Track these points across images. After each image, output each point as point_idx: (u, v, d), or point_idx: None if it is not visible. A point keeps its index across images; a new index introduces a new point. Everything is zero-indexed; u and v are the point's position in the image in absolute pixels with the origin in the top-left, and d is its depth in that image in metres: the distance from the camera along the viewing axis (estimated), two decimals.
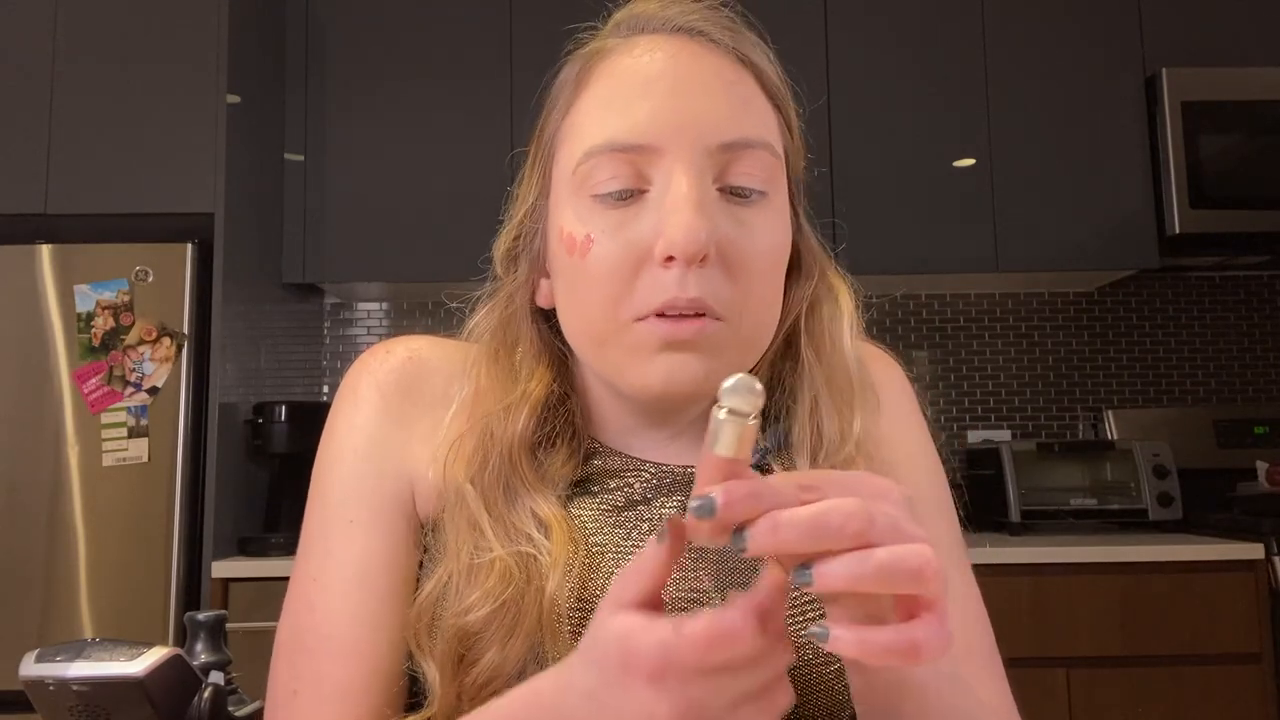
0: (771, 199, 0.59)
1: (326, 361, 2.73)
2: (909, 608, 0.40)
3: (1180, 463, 2.31)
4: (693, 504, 0.40)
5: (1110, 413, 2.58)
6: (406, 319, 2.74)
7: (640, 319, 0.56)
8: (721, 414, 0.40)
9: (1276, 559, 1.97)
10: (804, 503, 0.40)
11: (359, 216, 2.40)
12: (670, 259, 0.55)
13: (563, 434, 0.63)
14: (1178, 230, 2.31)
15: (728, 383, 0.40)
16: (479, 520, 0.59)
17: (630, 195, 0.57)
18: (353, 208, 2.41)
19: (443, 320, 2.69)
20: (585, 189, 0.58)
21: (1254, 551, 1.99)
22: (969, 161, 2.43)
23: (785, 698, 0.42)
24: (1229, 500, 2.36)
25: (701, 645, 0.40)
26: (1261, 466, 2.40)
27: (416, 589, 0.62)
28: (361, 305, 2.74)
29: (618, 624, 0.42)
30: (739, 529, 0.40)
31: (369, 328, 2.74)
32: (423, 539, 0.64)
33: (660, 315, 0.56)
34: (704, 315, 0.56)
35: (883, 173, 2.41)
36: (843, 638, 0.40)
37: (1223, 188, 2.33)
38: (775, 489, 0.41)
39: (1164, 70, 2.35)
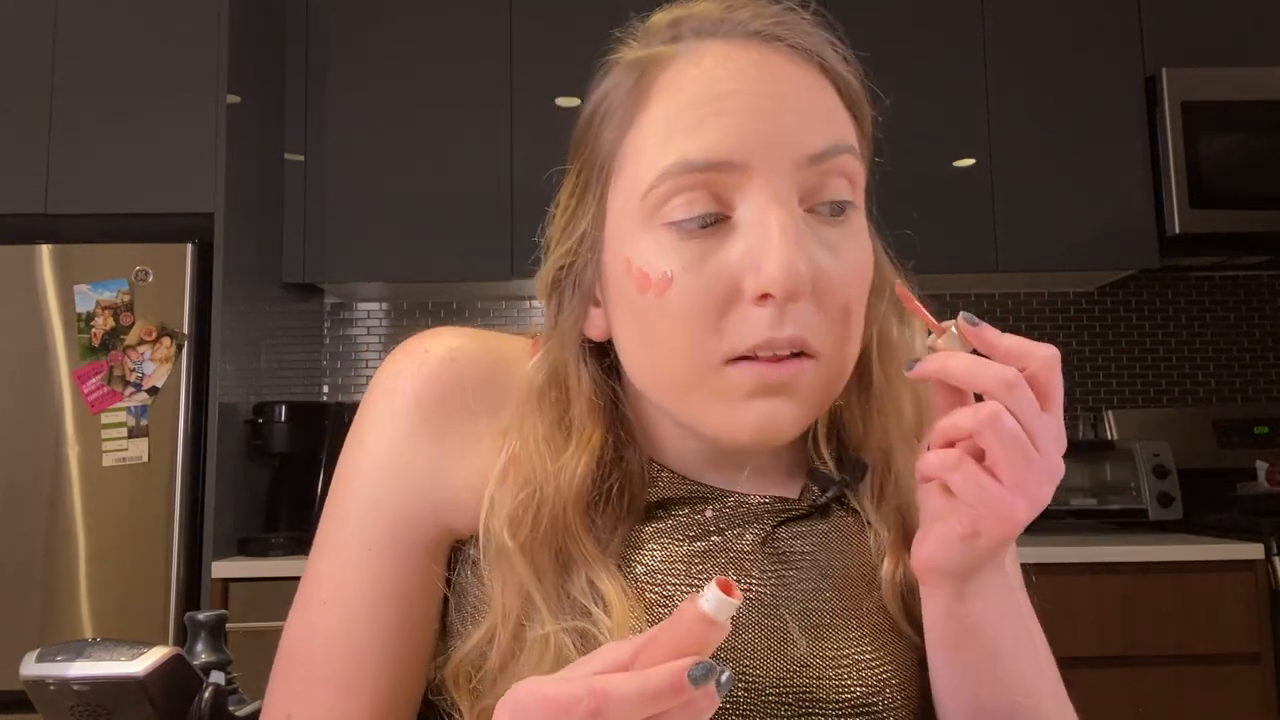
0: (858, 210, 0.56)
1: (326, 361, 2.73)
2: None
3: (1180, 463, 2.31)
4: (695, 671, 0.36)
5: (1110, 413, 2.58)
6: (406, 319, 2.73)
7: (731, 361, 0.52)
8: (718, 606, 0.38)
9: (1276, 559, 1.97)
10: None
11: (359, 216, 2.40)
12: (765, 296, 0.50)
13: (620, 490, 0.58)
14: (1178, 230, 2.31)
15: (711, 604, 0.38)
16: (529, 589, 0.55)
17: (712, 221, 0.52)
18: (353, 208, 2.40)
19: (444, 321, 2.69)
20: (658, 216, 0.52)
21: (1254, 551, 1.99)
22: (969, 161, 2.43)
23: None
24: (1229, 500, 2.36)
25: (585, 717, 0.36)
26: (1261, 466, 2.39)
27: (434, 615, 0.60)
28: (361, 305, 2.74)
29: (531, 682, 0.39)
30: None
31: (369, 328, 2.74)
32: (469, 551, 0.60)
33: (751, 356, 0.52)
34: (800, 354, 0.52)
35: (883, 173, 2.41)
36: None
37: (1223, 188, 2.33)
38: None
39: (1164, 70, 2.35)
